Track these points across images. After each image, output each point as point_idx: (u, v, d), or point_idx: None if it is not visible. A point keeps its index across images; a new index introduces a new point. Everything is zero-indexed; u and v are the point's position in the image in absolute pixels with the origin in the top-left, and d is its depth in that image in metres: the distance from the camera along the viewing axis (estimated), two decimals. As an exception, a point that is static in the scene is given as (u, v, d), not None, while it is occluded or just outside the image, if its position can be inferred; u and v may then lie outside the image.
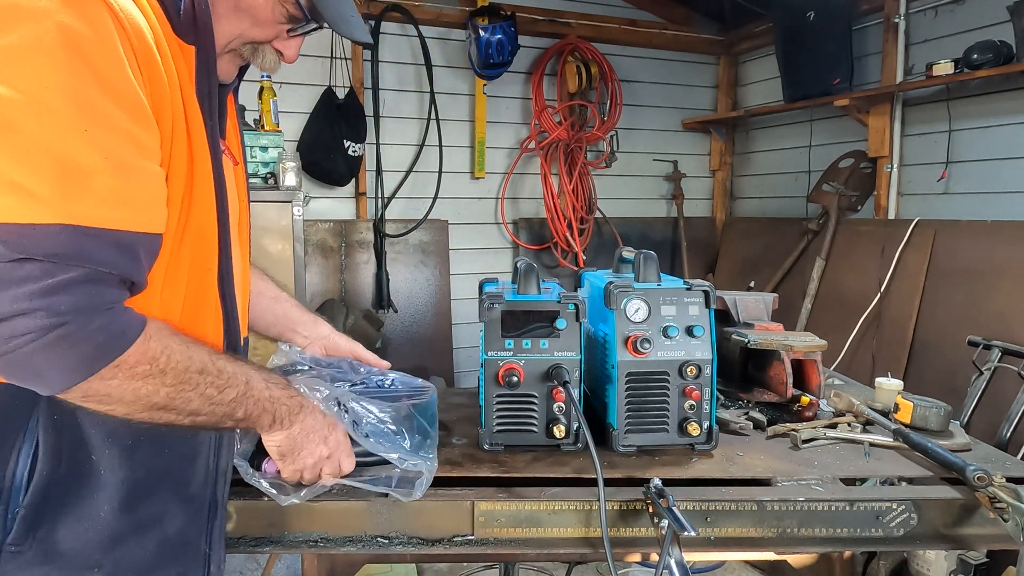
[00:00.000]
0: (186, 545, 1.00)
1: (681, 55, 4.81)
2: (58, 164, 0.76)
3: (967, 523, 1.16)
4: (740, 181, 4.95)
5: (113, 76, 0.80)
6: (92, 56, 0.78)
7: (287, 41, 1.05)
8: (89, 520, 0.90)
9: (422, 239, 4.19)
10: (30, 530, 0.86)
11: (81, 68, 0.77)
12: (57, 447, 0.89)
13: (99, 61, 0.79)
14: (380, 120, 4.01)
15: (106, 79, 0.79)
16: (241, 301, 1.23)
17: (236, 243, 1.18)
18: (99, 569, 0.91)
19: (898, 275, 3.39)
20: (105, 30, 0.80)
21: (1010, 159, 3.14)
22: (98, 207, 0.79)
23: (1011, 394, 2.51)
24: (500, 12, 3.97)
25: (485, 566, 2.94)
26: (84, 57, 0.78)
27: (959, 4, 3.33)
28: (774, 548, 1.17)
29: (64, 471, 0.89)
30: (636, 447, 1.31)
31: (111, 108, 0.80)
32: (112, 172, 0.80)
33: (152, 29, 0.88)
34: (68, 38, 0.77)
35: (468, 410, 1.58)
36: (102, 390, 0.83)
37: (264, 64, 1.06)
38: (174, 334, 0.90)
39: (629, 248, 1.60)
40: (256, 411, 0.98)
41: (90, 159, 0.78)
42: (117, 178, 0.80)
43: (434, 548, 1.12)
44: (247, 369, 0.98)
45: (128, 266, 0.83)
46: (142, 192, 0.84)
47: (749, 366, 1.69)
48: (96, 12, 0.80)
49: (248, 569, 2.98)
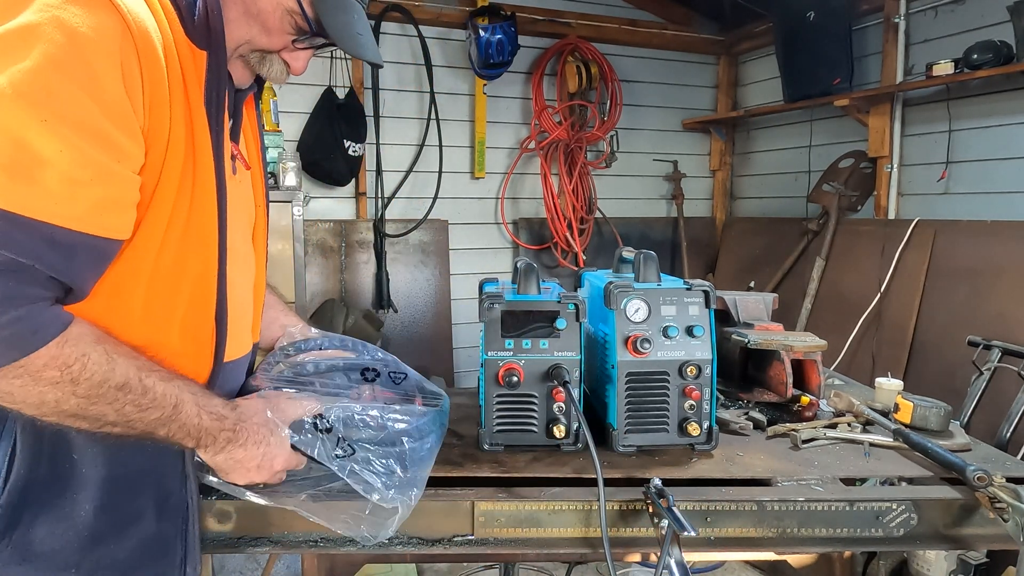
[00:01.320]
0: (164, 545, 0.99)
1: (681, 55, 4.81)
2: (11, 146, 0.75)
3: (967, 523, 1.15)
4: (740, 181, 4.95)
5: (101, 75, 0.79)
6: (82, 52, 0.78)
7: (294, 53, 1.05)
8: (69, 520, 0.90)
9: (422, 239, 4.19)
10: (7, 530, 0.86)
11: (65, 61, 0.77)
12: (36, 447, 0.88)
13: (89, 58, 0.78)
14: (380, 120, 4.01)
15: (92, 77, 0.79)
16: (255, 306, 1.21)
17: (248, 248, 1.17)
18: (77, 569, 0.91)
19: (898, 275, 3.39)
20: (103, 30, 0.80)
21: (1010, 159, 3.14)
22: (40, 198, 0.76)
23: (1011, 394, 2.51)
24: (500, 12, 3.97)
25: (485, 566, 2.94)
26: (73, 52, 0.77)
27: (959, 4, 3.33)
28: (774, 548, 1.17)
29: (44, 471, 0.88)
30: (636, 447, 1.31)
31: (89, 106, 0.79)
32: (69, 166, 0.78)
33: (162, 32, 0.88)
34: (62, 31, 0.77)
35: (468, 410, 1.58)
36: (4, 387, 0.80)
37: (271, 74, 1.06)
38: (99, 342, 0.85)
39: (629, 248, 1.60)
40: (180, 434, 0.94)
41: (47, 149, 0.76)
42: (73, 174, 0.78)
43: (434, 548, 1.12)
44: (182, 392, 0.93)
45: (59, 265, 0.79)
46: (101, 193, 0.81)
47: (749, 366, 1.69)
48: (100, 12, 0.80)
49: (248, 569, 2.98)
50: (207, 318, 1.01)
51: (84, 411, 0.84)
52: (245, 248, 1.16)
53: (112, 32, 0.80)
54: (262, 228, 1.24)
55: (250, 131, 1.22)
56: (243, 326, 1.16)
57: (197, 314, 0.99)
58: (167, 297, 0.95)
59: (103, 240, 0.83)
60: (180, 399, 0.92)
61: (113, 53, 0.81)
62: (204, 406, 0.96)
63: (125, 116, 0.83)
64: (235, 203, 1.07)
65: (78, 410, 0.84)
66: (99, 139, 0.80)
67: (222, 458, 1.00)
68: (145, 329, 0.94)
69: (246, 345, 1.19)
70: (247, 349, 1.20)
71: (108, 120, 0.81)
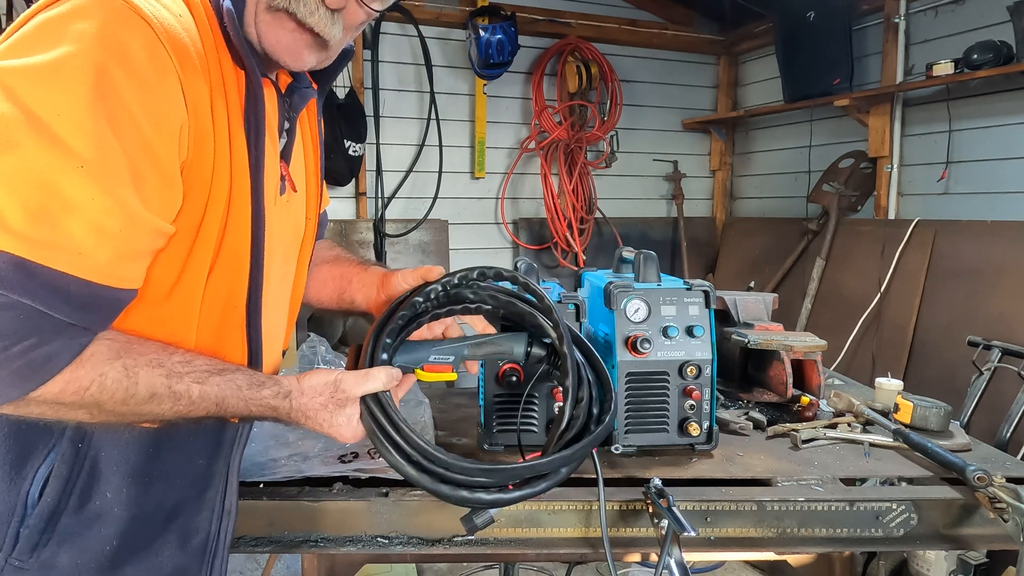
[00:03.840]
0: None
1: (681, 55, 4.81)
2: (39, 191, 0.72)
3: (967, 523, 1.16)
4: (740, 181, 4.95)
5: (137, 114, 0.76)
6: (119, 94, 0.75)
7: None
8: (91, 553, 0.88)
9: (422, 239, 4.19)
10: (34, 550, 0.85)
11: (101, 105, 0.74)
12: (69, 477, 0.86)
13: (126, 98, 0.75)
14: (380, 120, 4.01)
15: (127, 119, 0.76)
16: (289, 319, 1.17)
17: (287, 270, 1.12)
18: None
19: (898, 275, 3.39)
20: (143, 67, 0.77)
21: (1010, 159, 3.14)
22: (61, 248, 0.73)
23: (1011, 394, 2.51)
24: (500, 12, 3.98)
25: (485, 566, 2.94)
26: (110, 94, 0.74)
27: (959, 4, 3.33)
28: (774, 548, 1.17)
29: (73, 502, 0.87)
30: (636, 447, 1.31)
31: (129, 147, 0.76)
32: (98, 215, 0.75)
33: (205, 54, 0.85)
34: (99, 69, 0.74)
35: (468, 410, 1.58)
36: (33, 411, 0.78)
37: (309, 14, 0.90)
38: (117, 357, 0.81)
39: (629, 248, 1.60)
40: (243, 412, 0.91)
41: (79, 194, 0.73)
42: (102, 222, 0.75)
43: (434, 548, 1.12)
44: (223, 390, 0.88)
45: (74, 315, 0.76)
46: (126, 244, 0.78)
47: (749, 366, 1.69)
48: (140, 44, 0.77)
49: (248, 569, 2.98)
50: (234, 346, 0.96)
51: (123, 419, 0.83)
52: (284, 270, 1.11)
53: (149, 67, 0.77)
54: (310, 240, 1.19)
55: (310, 141, 1.16)
56: (274, 347, 1.11)
57: (222, 341, 0.95)
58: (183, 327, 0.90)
59: (121, 291, 0.80)
60: (222, 397, 0.88)
61: (150, 91, 0.77)
62: (252, 399, 0.91)
63: (164, 158, 0.80)
64: (279, 227, 1.02)
65: (116, 419, 0.83)
66: (134, 184, 0.77)
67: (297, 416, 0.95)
68: None
69: (277, 362, 1.15)
70: (278, 365, 1.16)
71: (148, 162, 0.78)
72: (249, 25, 0.91)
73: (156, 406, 0.83)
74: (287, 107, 1.05)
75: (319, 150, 1.18)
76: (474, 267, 1.12)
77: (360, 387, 0.95)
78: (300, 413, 0.94)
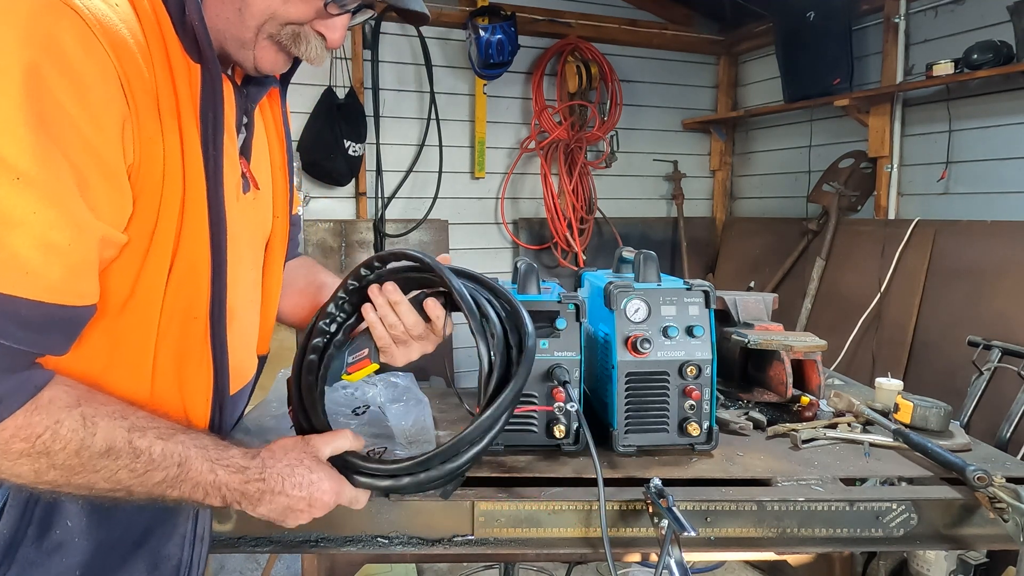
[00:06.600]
0: None
1: (681, 55, 4.81)
2: None
3: (967, 523, 1.15)
4: (740, 181, 4.95)
5: (74, 115, 0.70)
6: (53, 94, 0.69)
7: (328, 21, 0.90)
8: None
9: (422, 239, 4.19)
10: None
11: (34, 108, 0.67)
12: (26, 506, 0.82)
13: (61, 98, 0.69)
14: (380, 120, 4.01)
15: (64, 122, 0.70)
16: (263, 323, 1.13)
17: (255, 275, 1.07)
18: None
19: (898, 275, 3.39)
20: (77, 62, 0.70)
21: (1010, 159, 3.14)
22: (7, 268, 0.68)
23: (1011, 394, 2.51)
24: (500, 12, 3.97)
25: (485, 566, 2.94)
26: (43, 95, 0.68)
27: (959, 4, 3.33)
28: (774, 548, 1.17)
29: (32, 532, 0.82)
30: (636, 447, 1.31)
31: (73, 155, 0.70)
32: (45, 229, 0.69)
33: (148, 46, 0.79)
34: (28, 68, 0.67)
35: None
36: None
37: (309, 53, 0.92)
38: (76, 405, 0.75)
39: (629, 248, 1.60)
40: (196, 494, 0.84)
41: (19, 209, 0.67)
42: (49, 237, 0.69)
43: (434, 548, 1.12)
44: (187, 448, 0.82)
45: (28, 339, 0.71)
46: (78, 257, 0.72)
47: (749, 366, 1.69)
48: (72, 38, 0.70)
49: (248, 569, 2.98)
50: (197, 359, 0.91)
51: (69, 481, 0.75)
52: (253, 275, 1.06)
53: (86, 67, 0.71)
54: (280, 239, 1.13)
55: (274, 133, 1.10)
56: (246, 355, 1.07)
57: (183, 355, 0.90)
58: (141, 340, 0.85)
59: (79, 308, 0.74)
60: (186, 456, 0.82)
61: (85, 94, 0.71)
62: (218, 460, 0.85)
63: (109, 160, 0.74)
64: (242, 228, 0.98)
65: (62, 481, 0.75)
66: (79, 191, 0.71)
67: (265, 510, 0.90)
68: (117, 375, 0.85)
69: (250, 371, 1.12)
70: (251, 374, 1.13)
71: (92, 166, 0.72)
72: (212, 19, 0.87)
73: (112, 462, 0.76)
74: (243, 98, 1.00)
75: (285, 143, 1.13)
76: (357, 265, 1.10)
77: (328, 448, 0.96)
78: (275, 475, 0.89)
